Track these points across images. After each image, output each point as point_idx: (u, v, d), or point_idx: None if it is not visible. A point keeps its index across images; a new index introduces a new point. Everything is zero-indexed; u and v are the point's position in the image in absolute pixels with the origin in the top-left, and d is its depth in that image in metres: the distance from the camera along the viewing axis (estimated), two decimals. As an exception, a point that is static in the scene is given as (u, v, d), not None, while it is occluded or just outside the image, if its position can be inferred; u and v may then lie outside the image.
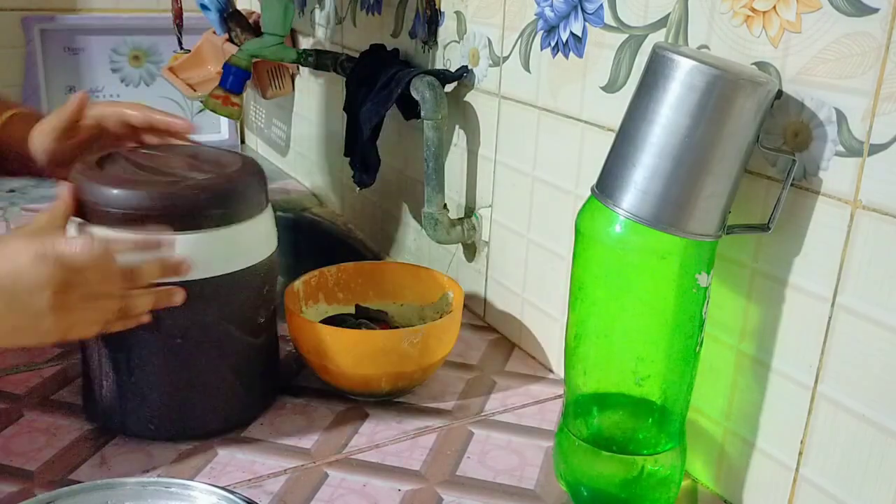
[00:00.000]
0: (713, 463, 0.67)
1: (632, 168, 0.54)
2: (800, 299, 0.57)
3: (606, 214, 0.56)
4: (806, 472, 0.59)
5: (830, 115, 0.53)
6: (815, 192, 0.55)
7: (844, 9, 0.52)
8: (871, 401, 0.53)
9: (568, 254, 0.79)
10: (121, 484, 0.53)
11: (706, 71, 0.52)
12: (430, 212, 0.92)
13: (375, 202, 1.21)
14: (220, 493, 0.52)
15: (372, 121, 0.96)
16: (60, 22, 1.59)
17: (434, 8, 0.96)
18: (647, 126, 0.54)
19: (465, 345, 0.91)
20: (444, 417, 0.76)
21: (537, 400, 0.80)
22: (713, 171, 0.53)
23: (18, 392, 0.77)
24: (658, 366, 0.59)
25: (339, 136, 1.22)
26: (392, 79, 0.95)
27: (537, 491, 0.67)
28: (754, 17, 0.58)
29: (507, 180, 0.89)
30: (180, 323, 0.67)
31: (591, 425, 0.63)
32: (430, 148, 0.90)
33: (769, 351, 0.60)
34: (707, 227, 0.55)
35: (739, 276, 0.62)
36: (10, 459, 0.67)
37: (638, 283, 0.57)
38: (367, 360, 0.75)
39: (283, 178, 1.55)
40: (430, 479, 0.68)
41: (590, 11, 0.73)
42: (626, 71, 0.70)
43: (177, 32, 1.55)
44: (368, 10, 1.13)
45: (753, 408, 0.62)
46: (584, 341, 0.60)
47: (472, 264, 0.98)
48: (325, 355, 0.75)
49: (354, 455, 0.70)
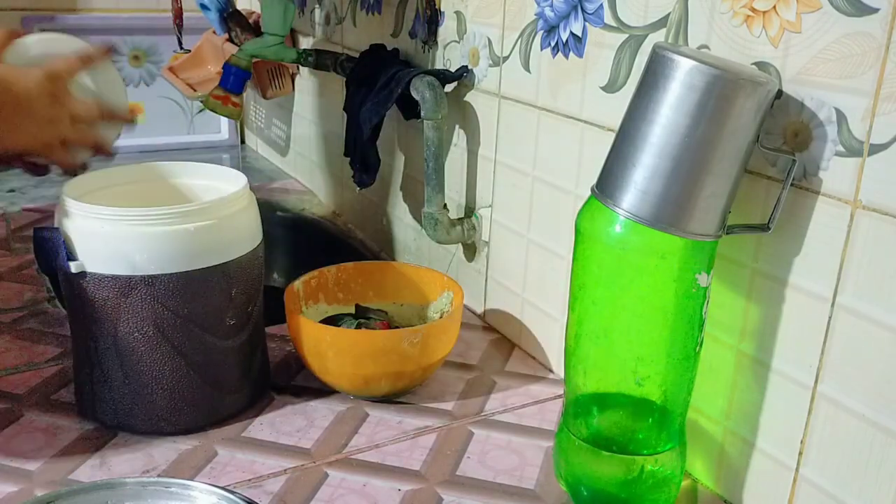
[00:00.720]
0: (713, 463, 0.67)
1: (632, 168, 0.55)
2: (800, 299, 0.57)
3: (606, 214, 0.56)
4: (806, 471, 0.59)
5: (830, 115, 0.53)
6: (815, 192, 0.55)
7: (844, 9, 0.52)
8: (871, 401, 0.53)
9: (568, 254, 0.79)
10: (121, 484, 0.53)
11: (706, 71, 0.52)
12: (430, 212, 0.92)
13: (375, 202, 1.21)
14: (220, 493, 0.52)
15: (372, 121, 0.96)
16: (60, 22, 1.59)
17: (434, 8, 0.96)
18: (647, 126, 0.54)
19: (465, 345, 0.91)
20: (444, 417, 0.76)
21: (537, 400, 0.80)
22: (713, 170, 0.53)
23: (18, 392, 0.77)
24: (658, 366, 0.59)
25: (339, 136, 1.22)
26: (392, 79, 0.95)
27: (537, 491, 0.67)
28: (754, 17, 0.58)
29: (507, 180, 0.89)
30: (139, 316, 0.67)
31: (591, 425, 0.63)
32: (430, 148, 0.90)
33: (769, 351, 0.60)
34: (707, 227, 0.55)
35: (739, 276, 0.62)
36: (10, 459, 0.68)
37: (638, 283, 0.57)
38: (367, 360, 0.75)
39: (283, 178, 1.55)
40: (430, 479, 0.68)
41: (590, 11, 0.73)
42: (626, 71, 0.70)
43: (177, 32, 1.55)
44: (368, 10, 1.13)
45: (753, 408, 0.62)
46: (584, 341, 0.60)
47: (472, 264, 0.98)
48: (324, 356, 0.75)
49: (354, 455, 0.71)
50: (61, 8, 1.60)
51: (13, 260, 1.08)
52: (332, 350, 0.75)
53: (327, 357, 0.75)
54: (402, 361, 0.75)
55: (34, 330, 0.90)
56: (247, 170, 1.62)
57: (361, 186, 1.03)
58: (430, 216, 0.92)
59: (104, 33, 1.63)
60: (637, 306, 0.58)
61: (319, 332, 0.75)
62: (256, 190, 1.46)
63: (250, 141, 1.78)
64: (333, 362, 0.75)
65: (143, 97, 1.68)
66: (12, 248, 1.13)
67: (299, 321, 0.77)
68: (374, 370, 0.75)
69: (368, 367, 0.75)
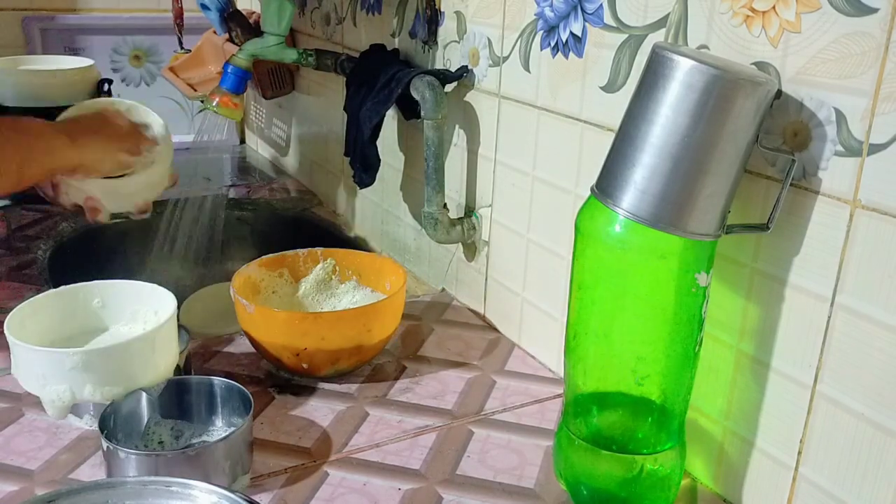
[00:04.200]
0: (713, 462, 0.67)
1: (631, 168, 0.55)
2: (799, 299, 0.58)
3: (606, 214, 0.56)
4: (805, 470, 0.59)
5: (830, 114, 0.54)
6: (814, 191, 0.55)
7: (844, 9, 0.52)
8: (871, 400, 0.53)
9: (568, 254, 0.79)
10: (121, 483, 0.53)
11: (706, 71, 0.52)
12: (430, 211, 0.93)
13: (375, 202, 1.21)
14: (221, 492, 0.52)
15: (372, 120, 0.96)
16: (60, 22, 1.59)
17: (434, 8, 0.96)
18: (646, 126, 0.54)
19: (465, 344, 0.91)
20: (444, 417, 0.77)
21: (537, 399, 0.80)
22: (713, 170, 0.54)
23: (18, 392, 0.77)
24: (658, 365, 0.59)
25: (339, 136, 1.22)
26: (392, 79, 0.95)
27: (537, 490, 0.67)
28: (754, 17, 0.58)
29: (507, 180, 0.89)
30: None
31: (591, 424, 0.63)
32: (430, 148, 0.91)
33: (769, 350, 0.60)
34: (707, 226, 0.55)
35: (739, 276, 0.62)
36: (10, 459, 0.68)
37: (638, 282, 0.57)
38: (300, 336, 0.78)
39: (283, 178, 1.55)
40: (430, 478, 0.68)
41: (589, 11, 0.73)
42: (625, 71, 0.70)
43: (177, 32, 1.55)
44: (368, 10, 1.13)
45: (753, 407, 0.62)
46: (584, 341, 0.60)
47: (472, 264, 0.98)
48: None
49: (354, 454, 0.71)
50: (61, 8, 1.60)
51: (13, 260, 1.08)
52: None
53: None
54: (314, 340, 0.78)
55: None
56: (247, 170, 1.62)
57: (361, 186, 1.03)
58: (430, 216, 0.93)
59: (104, 33, 1.63)
60: (637, 306, 0.58)
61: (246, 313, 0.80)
62: (256, 190, 1.47)
63: (250, 141, 1.78)
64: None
65: (143, 97, 1.68)
66: (12, 248, 1.13)
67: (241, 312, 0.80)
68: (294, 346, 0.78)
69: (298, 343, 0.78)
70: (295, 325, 0.78)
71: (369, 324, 0.80)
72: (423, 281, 1.09)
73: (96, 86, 1.32)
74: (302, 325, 0.78)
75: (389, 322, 0.83)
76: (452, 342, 0.91)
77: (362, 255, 0.95)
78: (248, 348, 0.85)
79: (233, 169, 1.64)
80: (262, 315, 0.79)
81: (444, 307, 1.00)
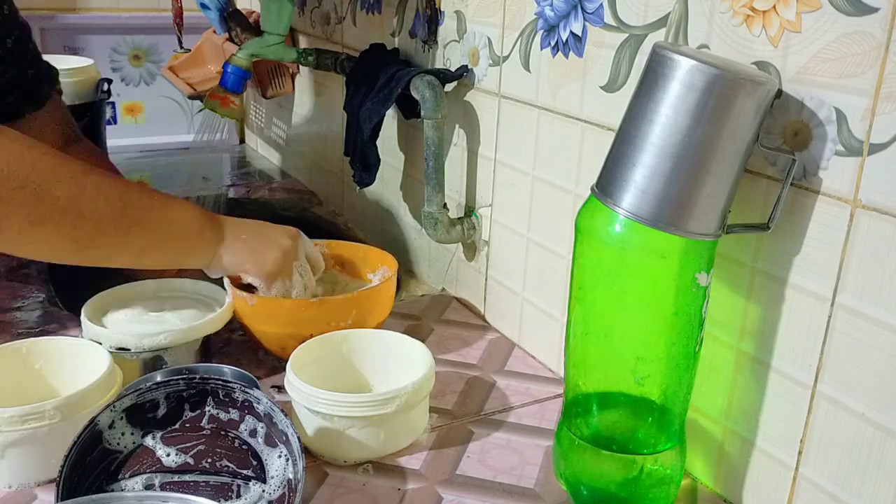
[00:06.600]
0: (713, 462, 0.67)
1: (632, 167, 0.55)
2: (799, 299, 0.58)
3: (606, 214, 0.56)
4: (805, 471, 0.59)
5: (830, 114, 0.54)
6: (814, 191, 0.55)
7: (844, 8, 0.52)
8: (871, 400, 0.53)
9: (568, 253, 0.79)
10: (118, 498, 0.53)
11: (706, 70, 0.52)
12: (430, 211, 0.92)
13: (375, 202, 1.21)
14: None
15: (372, 120, 0.96)
16: (60, 21, 1.59)
17: (434, 7, 0.96)
18: (646, 125, 0.54)
19: (465, 344, 0.91)
20: (444, 417, 0.77)
21: (537, 399, 0.80)
22: (713, 170, 0.54)
23: (18, 391, 0.77)
24: (658, 365, 0.59)
25: (339, 136, 1.22)
26: (392, 78, 0.95)
27: (537, 490, 0.67)
28: (754, 17, 0.58)
29: (507, 180, 0.89)
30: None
31: (591, 424, 0.63)
32: (430, 147, 0.90)
33: (769, 350, 0.60)
34: (707, 226, 0.55)
35: (739, 276, 0.62)
36: (10, 458, 0.68)
37: (638, 282, 0.57)
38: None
39: (283, 178, 1.55)
40: (430, 478, 0.68)
41: (590, 11, 0.73)
42: (625, 70, 0.70)
43: (177, 32, 1.55)
44: (368, 9, 1.13)
45: (753, 407, 0.62)
46: (584, 340, 0.60)
47: (472, 264, 0.98)
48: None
49: (354, 454, 0.71)
50: (61, 7, 1.60)
51: (13, 260, 1.08)
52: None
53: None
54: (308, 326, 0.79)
55: (35, 330, 0.90)
56: (247, 169, 1.62)
57: (361, 186, 1.03)
58: (430, 216, 0.93)
59: (104, 32, 1.63)
60: (637, 306, 0.58)
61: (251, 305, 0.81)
62: (256, 189, 1.47)
63: (250, 141, 1.78)
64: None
65: (143, 97, 1.68)
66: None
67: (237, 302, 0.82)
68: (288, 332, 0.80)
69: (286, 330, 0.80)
70: (301, 312, 0.80)
71: (371, 307, 0.83)
72: (423, 281, 1.09)
73: (96, 85, 1.32)
74: (308, 311, 0.80)
75: (384, 308, 0.87)
76: (452, 342, 0.91)
77: (349, 245, 0.97)
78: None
79: (232, 169, 1.64)
80: (264, 305, 0.80)
81: (444, 307, 1.00)
